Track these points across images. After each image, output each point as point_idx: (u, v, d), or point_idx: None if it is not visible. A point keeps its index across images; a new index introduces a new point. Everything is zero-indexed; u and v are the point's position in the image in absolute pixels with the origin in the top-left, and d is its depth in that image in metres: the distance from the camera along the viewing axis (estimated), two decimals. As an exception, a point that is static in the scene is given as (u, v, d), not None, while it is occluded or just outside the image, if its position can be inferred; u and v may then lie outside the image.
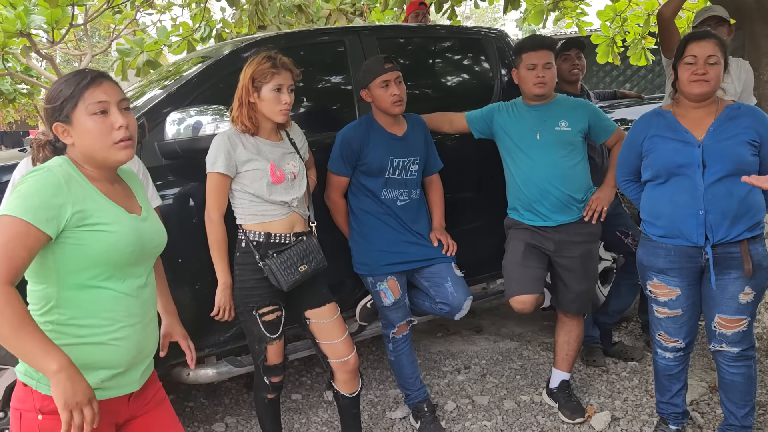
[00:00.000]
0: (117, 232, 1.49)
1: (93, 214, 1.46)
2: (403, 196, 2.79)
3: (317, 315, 2.48)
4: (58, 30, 5.12)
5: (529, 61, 2.81)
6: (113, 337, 1.51)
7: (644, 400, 3.12)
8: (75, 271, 1.46)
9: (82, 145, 1.51)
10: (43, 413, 1.44)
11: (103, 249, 1.47)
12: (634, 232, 3.38)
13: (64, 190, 1.42)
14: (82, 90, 1.49)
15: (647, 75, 12.52)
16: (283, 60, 2.34)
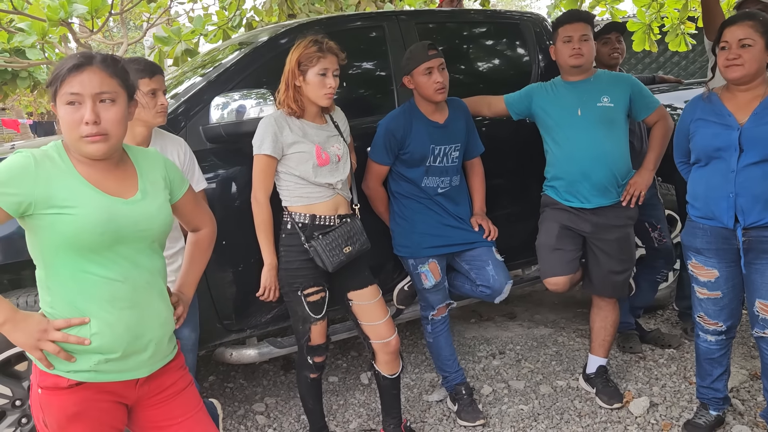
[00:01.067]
0: (81, 215, 1.45)
1: (60, 197, 1.44)
2: (443, 183, 2.81)
3: (360, 296, 2.51)
4: (96, 19, 5.20)
5: (565, 33, 2.78)
6: (100, 322, 1.50)
7: (683, 386, 3.10)
8: (53, 254, 1.47)
9: (62, 128, 1.50)
10: (42, 388, 1.51)
11: (69, 232, 1.45)
12: (662, 226, 3.36)
13: (31, 172, 1.42)
14: (64, 75, 1.45)
15: (681, 62, 12.28)
16: (329, 44, 2.36)
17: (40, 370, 1.51)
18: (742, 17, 2.36)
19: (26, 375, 2.45)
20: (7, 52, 6.16)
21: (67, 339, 1.47)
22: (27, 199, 1.42)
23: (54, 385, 1.49)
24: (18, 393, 2.42)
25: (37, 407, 1.52)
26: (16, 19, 5.63)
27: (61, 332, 1.47)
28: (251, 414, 3.10)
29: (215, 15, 6.01)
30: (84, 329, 1.49)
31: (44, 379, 1.50)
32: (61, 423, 1.50)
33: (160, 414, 1.65)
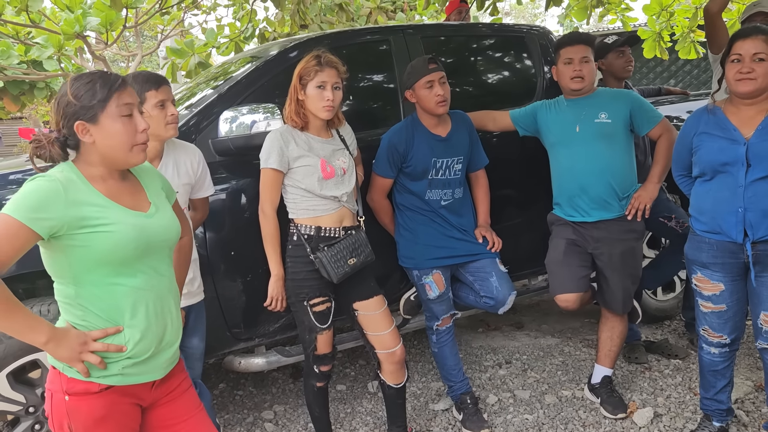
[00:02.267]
0: (118, 232, 1.52)
1: (93, 217, 1.50)
2: (446, 195, 2.85)
3: (365, 307, 2.56)
4: (110, 32, 5.32)
5: (566, 55, 2.83)
6: (131, 329, 1.58)
7: (687, 397, 3.11)
8: (87, 271, 1.53)
9: (104, 146, 1.54)
10: (70, 395, 1.55)
11: (107, 248, 1.51)
12: (677, 214, 3.33)
13: (61, 196, 1.46)
14: (113, 91, 1.53)
15: (692, 71, 12.25)
16: (328, 58, 2.42)
17: (68, 378, 1.55)
18: (755, 31, 2.34)
19: (39, 382, 2.52)
20: (24, 63, 6.29)
21: (107, 348, 1.54)
22: (60, 222, 1.46)
23: (85, 391, 1.55)
24: (31, 400, 2.48)
25: (61, 414, 1.56)
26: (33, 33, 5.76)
27: (100, 342, 1.54)
28: (260, 421, 3.15)
29: (227, 27, 6.10)
30: (118, 337, 1.57)
31: (74, 385, 1.55)
32: (88, 427, 1.55)
33: (168, 413, 1.72)
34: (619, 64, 3.45)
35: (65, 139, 1.54)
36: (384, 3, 7.97)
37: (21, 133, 10.74)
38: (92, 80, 1.53)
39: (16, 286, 2.65)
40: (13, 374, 2.45)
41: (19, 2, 4.68)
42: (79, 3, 4.73)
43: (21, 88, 7.02)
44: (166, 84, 2.24)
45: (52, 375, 1.58)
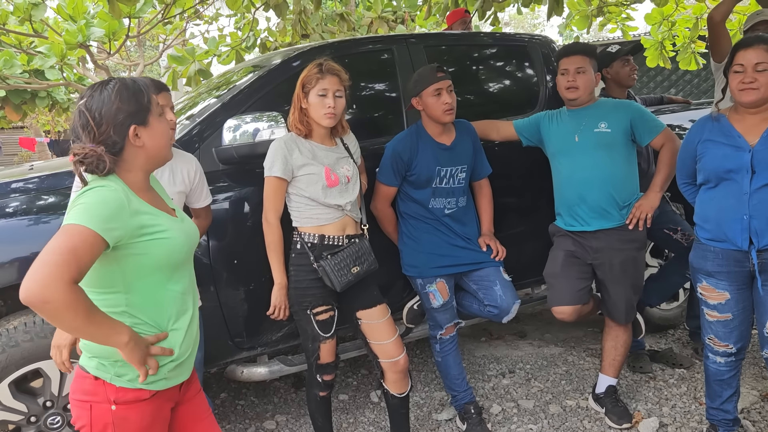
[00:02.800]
0: (172, 238, 1.57)
1: (150, 225, 1.54)
2: (450, 204, 2.84)
3: (368, 315, 2.54)
4: (113, 41, 5.34)
5: (563, 66, 2.85)
6: (176, 331, 1.61)
7: (693, 407, 3.09)
8: (140, 278, 1.54)
9: (152, 147, 1.58)
10: (118, 404, 1.54)
11: (164, 254, 1.56)
12: (683, 227, 3.32)
13: (125, 205, 1.48)
14: (151, 92, 1.59)
15: (693, 80, 12.29)
16: (329, 65, 2.42)
17: (116, 387, 1.53)
18: (757, 41, 2.35)
19: (41, 391, 2.50)
20: (27, 72, 6.32)
21: (164, 352, 1.57)
22: (125, 231, 1.48)
23: (135, 399, 1.55)
24: (33, 409, 2.47)
25: (104, 424, 1.53)
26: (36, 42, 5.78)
27: (158, 346, 1.56)
28: (262, 431, 3.13)
29: (229, 37, 6.12)
30: (167, 341, 1.60)
31: (124, 394, 1.54)
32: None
33: (188, 413, 1.74)
34: (624, 73, 3.46)
35: (113, 147, 1.53)
36: (385, 13, 8.00)
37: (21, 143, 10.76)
38: (133, 84, 1.57)
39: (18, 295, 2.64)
40: (15, 383, 2.43)
41: (23, 12, 4.70)
42: (81, 13, 4.75)
43: (23, 97, 7.05)
44: (166, 90, 2.25)
45: (92, 386, 1.55)
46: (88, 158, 1.49)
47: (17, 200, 2.51)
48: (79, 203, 1.45)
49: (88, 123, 1.50)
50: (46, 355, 2.44)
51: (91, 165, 1.49)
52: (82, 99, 1.54)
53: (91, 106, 1.51)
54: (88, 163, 1.49)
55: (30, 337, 2.41)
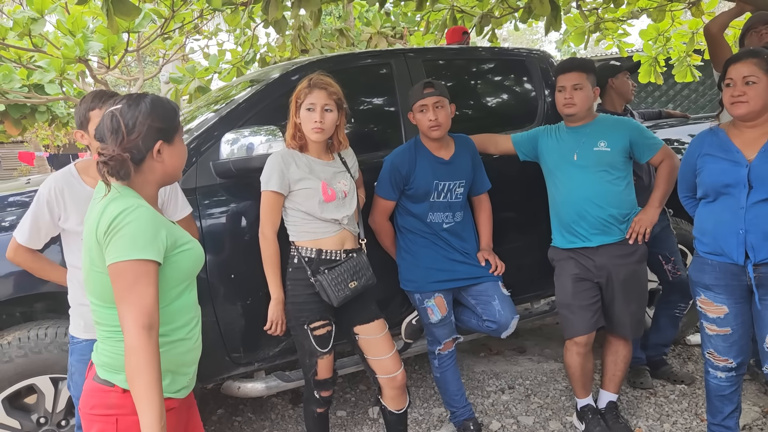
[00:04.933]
0: (195, 248, 1.65)
1: (177, 237, 1.60)
2: (448, 218, 2.83)
3: (366, 331, 2.52)
4: (112, 56, 5.35)
5: (560, 83, 2.85)
6: (193, 336, 1.66)
7: (694, 423, 3.06)
8: (167, 290, 1.58)
9: (170, 165, 1.63)
10: None
11: (191, 265, 1.63)
12: (676, 259, 3.34)
13: (159, 221, 1.54)
14: (179, 116, 1.67)
15: (690, 95, 12.35)
16: (317, 79, 2.42)
17: None
18: (747, 55, 2.38)
19: (35, 408, 2.47)
20: (26, 87, 6.34)
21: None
22: (165, 246, 1.53)
23: (166, 407, 1.54)
24: (27, 426, 2.44)
25: None
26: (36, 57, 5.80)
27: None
28: (258, 448, 3.10)
29: (229, 53, 6.15)
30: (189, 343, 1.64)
31: None
32: None
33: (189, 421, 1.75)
34: (628, 86, 3.48)
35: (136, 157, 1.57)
36: (384, 29, 8.05)
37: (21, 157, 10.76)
38: (168, 104, 1.63)
39: (13, 310, 2.62)
40: (8, 399, 2.41)
41: (22, 27, 4.72)
42: (81, 27, 4.77)
43: (22, 112, 7.07)
44: None
45: (119, 398, 1.54)
46: (113, 161, 1.52)
47: (14, 214, 2.50)
48: (120, 228, 1.47)
49: (120, 128, 1.54)
50: (40, 371, 2.42)
51: (114, 169, 1.53)
52: (116, 105, 1.58)
53: (126, 114, 1.56)
54: (112, 166, 1.53)
55: (24, 353, 2.39)
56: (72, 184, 2.16)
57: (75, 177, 2.18)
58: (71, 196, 2.14)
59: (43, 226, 2.14)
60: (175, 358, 1.60)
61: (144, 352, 1.42)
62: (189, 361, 1.66)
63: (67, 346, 2.25)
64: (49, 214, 2.13)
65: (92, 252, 1.53)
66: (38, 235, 2.17)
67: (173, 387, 1.61)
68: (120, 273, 1.45)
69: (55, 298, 2.45)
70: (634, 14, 6.14)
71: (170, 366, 1.59)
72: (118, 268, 1.45)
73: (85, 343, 2.17)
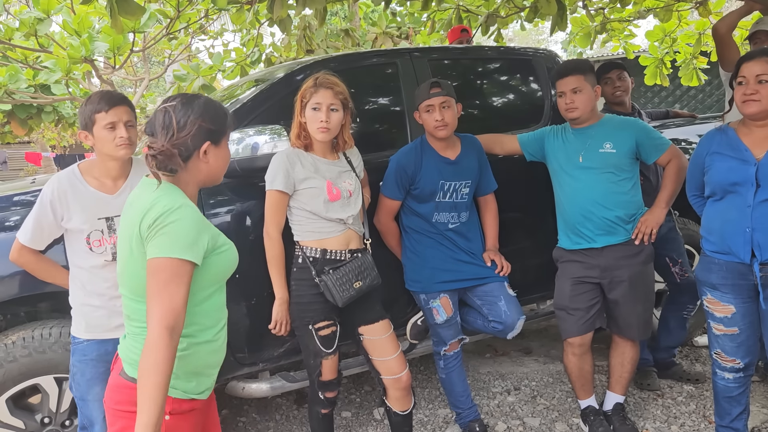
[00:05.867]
0: (231, 251, 1.66)
1: (217, 238, 1.61)
2: (453, 219, 2.82)
3: (371, 331, 2.51)
4: (118, 56, 5.36)
5: (559, 89, 2.83)
6: (219, 338, 1.66)
7: (702, 425, 3.03)
8: (198, 291, 1.57)
9: (215, 166, 1.65)
10: (172, 414, 1.54)
11: (226, 267, 1.65)
12: (683, 261, 3.32)
13: (205, 222, 1.55)
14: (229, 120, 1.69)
15: (697, 95, 12.29)
16: (323, 79, 2.41)
17: (172, 398, 1.53)
18: (760, 53, 2.36)
19: (39, 407, 2.47)
20: (32, 87, 6.35)
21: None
22: (207, 247, 1.55)
23: (190, 408, 1.58)
24: (31, 426, 2.43)
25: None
26: (42, 57, 5.82)
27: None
28: (263, 449, 3.09)
29: (234, 52, 6.15)
30: (215, 344, 1.64)
31: (179, 405, 1.56)
32: None
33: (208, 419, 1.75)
34: (607, 91, 3.51)
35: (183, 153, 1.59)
36: (389, 29, 8.05)
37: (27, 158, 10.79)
38: (220, 108, 1.65)
39: (17, 310, 2.62)
40: (12, 399, 2.40)
41: (28, 27, 4.73)
42: (86, 28, 4.78)
43: (29, 112, 7.08)
44: (121, 105, 2.17)
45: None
46: (162, 155, 1.55)
47: (18, 214, 2.49)
48: (166, 225, 1.48)
49: (172, 124, 1.56)
50: (44, 371, 2.42)
51: (162, 162, 1.55)
52: (169, 101, 1.61)
53: (179, 111, 1.58)
54: (160, 160, 1.55)
55: (28, 352, 2.39)
56: (75, 185, 2.16)
57: (78, 177, 2.18)
58: (74, 196, 2.14)
59: (46, 226, 2.14)
60: (201, 359, 1.60)
61: (163, 351, 1.41)
62: (214, 363, 1.67)
63: (71, 346, 2.25)
64: (52, 214, 2.13)
65: (132, 242, 1.53)
66: (41, 236, 2.17)
67: (198, 388, 1.61)
68: (157, 269, 1.46)
69: (58, 298, 2.44)
70: (641, 14, 6.10)
71: (196, 368, 1.60)
72: (156, 264, 1.46)
73: (86, 344, 2.17)
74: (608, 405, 3.02)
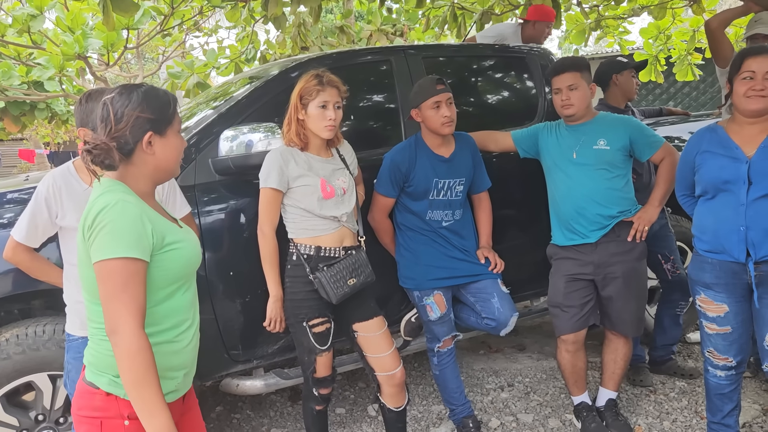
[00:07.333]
0: (187, 248, 1.58)
1: (167, 235, 1.53)
2: (447, 216, 2.82)
3: (365, 328, 2.52)
4: (112, 53, 5.35)
5: (555, 85, 2.84)
6: (184, 339, 1.59)
7: (694, 421, 3.05)
8: (155, 291, 1.52)
9: (163, 158, 1.57)
10: (131, 419, 1.48)
11: (181, 266, 1.56)
12: (675, 257, 3.34)
13: (145, 218, 1.47)
14: (176, 108, 1.61)
15: (692, 92, 12.33)
16: (329, 77, 2.41)
17: (129, 401, 1.47)
18: (766, 50, 2.34)
19: (33, 405, 2.47)
20: (25, 84, 6.33)
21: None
22: (152, 243, 1.47)
23: None
24: (25, 423, 2.43)
25: None
26: (35, 54, 5.79)
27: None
28: (257, 446, 3.09)
29: (228, 49, 6.14)
30: (177, 346, 1.57)
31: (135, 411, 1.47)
32: None
33: (189, 423, 1.70)
34: (631, 84, 3.48)
35: (123, 147, 1.52)
36: (384, 26, 8.04)
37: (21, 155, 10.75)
38: (163, 95, 1.58)
39: (11, 307, 2.62)
40: (6, 397, 2.40)
41: (21, 23, 4.71)
42: (80, 24, 4.76)
43: (22, 109, 7.05)
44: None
45: (103, 402, 1.50)
46: (97, 149, 1.48)
47: (12, 211, 2.49)
48: (104, 225, 1.42)
49: (109, 117, 1.50)
50: (38, 368, 2.42)
51: (98, 157, 1.48)
52: (110, 94, 1.55)
53: (116, 103, 1.52)
54: (96, 155, 1.48)
55: (22, 350, 2.38)
56: (70, 182, 2.15)
57: (73, 174, 2.18)
58: (69, 193, 2.13)
59: (40, 223, 2.14)
60: (159, 361, 1.50)
61: (147, 355, 1.38)
62: (176, 365, 1.58)
63: (65, 343, 2.25)
64: (47, 211, 2.12)
65: (80, 245, 1.49)
66: (36, 233, 2.16)
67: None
68: (110, 273, 1.40)
69: (53, 296, 2.44)
70: (635, 12, 6.12)
71: None
72: (106, 267, 1.40)
73: (81, 341, 2.17)
74: (601, 401, 3.04)
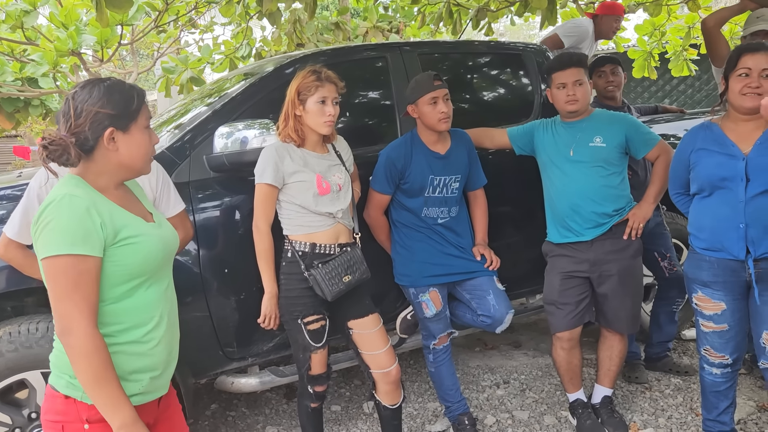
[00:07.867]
0: (147, 243, 1.51)
1: (122, 229, 1.47)
2: (443, 213, 2.82)
3: (360, 325, 2.51)
4: (106, 49, 5.32)
5: (559, 80, 2.82)
6: (150, 341, 1.54)
7: (689, 418, 3.06)
8: (112, 287, 1.47)
9: (127, 155, 1.51)
10: (90, 422, 1.45)
11: (138, 261, 1.49)
12: (671, 255, 3.34)
13: (94, 212, 1.42)
14: (143, 103, 1.55)
15: (686, 90, 12.33)
16: (327, 73, 2.40)
17: (87, 405, 1.45)
18: (763, 47, 2.34)
19: (26, 403, 2.45)
20: (19, 80, 6.28)
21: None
22: (104, 237, 1.42)
23: None
24: (18, 421, 2.42)
25: None
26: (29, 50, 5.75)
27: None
28: (252, 443, 3.08)
29: (223, 45, 6.12)
30: (142, 347, 1.52)
31: (96, 412, 1.43)
32: None
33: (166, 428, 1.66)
34: (600, 84, 3.52)
35: (83, 144, 1.48)
36: (380, 23, 8.01)
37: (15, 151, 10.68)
38: (128, 90, 1.53)
39: (4, 304, 2.60)
40: (-1, 394, 2.39)
41: (14, 19, 4.68)
42: (73, 20, 4.73)
43: (16, 106, 6.99)
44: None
45: (63, 405, 1.47)
46: (53, 145, 1.43)
47: (5, 208, 2.47)
48: (48, 221, 1.38)
49: (69, 112, 1.46)
50: (31, 366, 2.40)
51: (54, 153, 1.44)
52: (74, 89, 1.52)
53: (78, 97, 1.48)
54: (52, 150, 1.43)
55: (15, 347, 2.36)
56: None
57: (65, 171, 2.16)
58: None
59: (33, 220, 2.12)
60: (123, 363, 1.47)
61: (103, 354, 1.35)
62: (141, 367, 1.52)
63: (58, 341, 2.23)
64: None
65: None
66: (28, 230, 2.14)
67: None
68: (58, 270, 1.37)
69: (46, 293, 2.41)
70: (631, 9, 6.12)
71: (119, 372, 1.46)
72: (54, 265, 1.37)
73: None
74: (596, 398, 3.04)
